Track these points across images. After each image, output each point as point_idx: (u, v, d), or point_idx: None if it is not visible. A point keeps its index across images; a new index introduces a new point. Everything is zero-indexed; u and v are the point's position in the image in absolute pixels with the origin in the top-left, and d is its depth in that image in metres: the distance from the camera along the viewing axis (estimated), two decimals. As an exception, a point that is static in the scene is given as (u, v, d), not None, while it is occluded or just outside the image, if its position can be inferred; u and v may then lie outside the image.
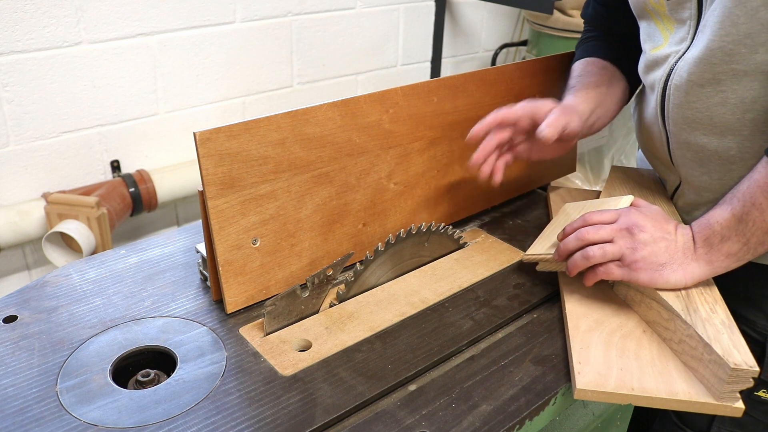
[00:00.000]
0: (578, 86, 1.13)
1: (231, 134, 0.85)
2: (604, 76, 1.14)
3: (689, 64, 0.91)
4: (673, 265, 0.85)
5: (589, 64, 1.17)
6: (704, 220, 0.86)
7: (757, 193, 0.81)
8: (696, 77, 0.91)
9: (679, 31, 0.95)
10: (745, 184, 0.84)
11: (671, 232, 0.87)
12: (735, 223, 0.83)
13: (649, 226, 0.86)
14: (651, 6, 0.99)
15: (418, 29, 2.75)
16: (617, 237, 0.87)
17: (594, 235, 0.87)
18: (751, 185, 0.83)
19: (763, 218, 0.81)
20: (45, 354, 0.84)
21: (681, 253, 0.86)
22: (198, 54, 2.17)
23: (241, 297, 0.93)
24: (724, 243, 0.84)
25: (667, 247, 0.85)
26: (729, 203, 0.85)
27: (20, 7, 1.79)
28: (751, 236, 0.83)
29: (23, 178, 1.97)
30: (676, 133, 0.99)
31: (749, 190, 0.83)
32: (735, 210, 0.83)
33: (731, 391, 0.77)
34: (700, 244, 0.86)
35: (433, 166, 1.11)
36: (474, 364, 0.87)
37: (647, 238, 0.85)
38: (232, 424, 0.74)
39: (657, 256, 0.85)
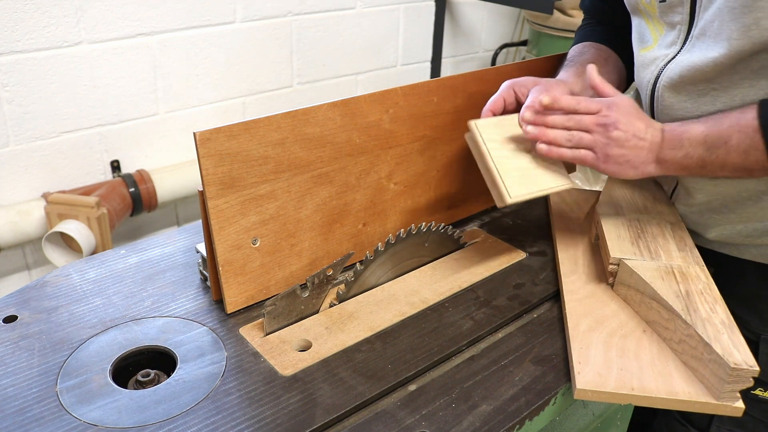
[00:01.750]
0: (571, 63, 1.13)
1: (231, 134, 0.85)
2: (599, 56, 1.14)
3: (682, 68, 0.92)
4: (635, 162, 0.92)
5: (584, 46, 1.18)
6: (678, 131, 0.90)
7: (734, 135, 0.86)
8: (688, 80, 0.92)
9: (669, 35, 0.96)
10: (729, 120, 0.87)
11: (642, 131, 0.91)
12: (703, 149, 0.88)
13: (624, 123, 0.91)
14: (643, 6, 1.00)
15: (418, 29, 2.75)
16: (595, 130, 0.92)
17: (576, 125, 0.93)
18: (732, 125, 0.86)
19: (726, 157, 0.87)
20: (45, 354, 0.84)
21: (645, 153, 0.92)
22: (198, 54, 2.17)
23: (241, 297, 0.93)
24: (685, 158, 0.90)
25: (635, 146, 0.91)
26: (707, 128, 0.88)
27: (20, 7, 1.79)
28: (709, 164, 0.88)
29: (23, 178, 1.97)
30: None
31: (729, 129, 0.86)
32: (708, 138, 0.87)
33: (731, 391, 0.77)
34: (666, 148, 0.91)
35: (433, 166, 1.11)
36: (474, 364, 0.87)
37: (620, 136, 0.91)
38: (232, 424, 0.74)
39: (624, 154, 0.91)
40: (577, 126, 0.92)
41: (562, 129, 0.93)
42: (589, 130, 0.92)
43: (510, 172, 0.95)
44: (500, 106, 1.02)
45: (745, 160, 0.85)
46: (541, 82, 1.03)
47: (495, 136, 0.96)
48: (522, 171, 0.96)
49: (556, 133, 0.93)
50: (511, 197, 0.92)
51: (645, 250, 0.98)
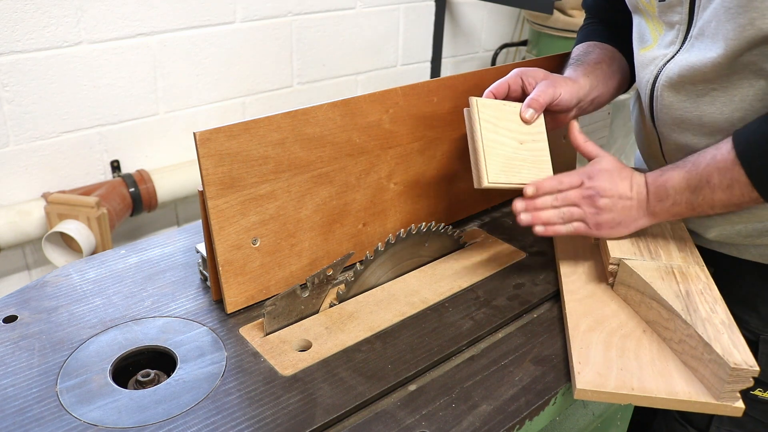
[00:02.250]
0: (577, 62, 1.12)
1: (231, 134, 0.85)
2: (604, 55, 1.14)
3: (681, 68, 0.92)
4: (627, 221, 0.95)
5: (589, 45, 1.17)
6: (661, 181, 0.92)
7: (714, 173, 0.87)
8: (687, 80, 0.92)
9: (668, 34, 0.96)
10: (706, 159, 0.88)
11: (627, 190, 0.94)
12: (688, 193, 0.90)
13: (608, 190, 0.93)
14: (642, 5, 1.00)
15: (418, 29, 2.75)
16: (582, 203, 0.95)
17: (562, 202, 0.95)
18: (710, 164, 0.87)
19: (712, 196, 0.88)
20: (45, 354, 0.84)
21: (635, 211, 0.94)
22: (198, 54, 2.17)
23: (241, 297, 0.93)
24: (674, 205, 0.92)
25: (623, 208, 0.94)
26: (687, 173, 0.90)
27: (20, 7, 1.79)
28: (698, 206, 0.90)
29: (23, 178, 1.97)
30: (666, 134, 1.00)
31: (707, 168, 0.87)
32: (691, 182, 0.89)
33: (731, 391, 0.77)
34: (653, 201, 0.93)
35: (433, 166, 1.11)
36: (474, 364, 0.87)
37: (607, 203, 0.93)
38: (232, 424, 0.74)
39: (614, 218, 0.94)
40: (564, 203, 0.94)
41: (551, 209, 0.95)
42: (576, 203, 0.94)
43: (495, 157, 0.95)
44: (503, 91, 1.00)
45: (730, 195, 0.86)
46: (550, 77, 1.02)
47: (491, 118, 0.96)
48: (508, 160, 0.96)
49: (548, 213, 0.95)
50: (488, 181, 0.93)
51: (645, 250, 0.98)
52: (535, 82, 1.00)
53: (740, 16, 0.81)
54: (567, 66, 1.14)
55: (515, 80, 1.01)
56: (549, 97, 0.99)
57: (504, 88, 1.00)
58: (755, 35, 0.81)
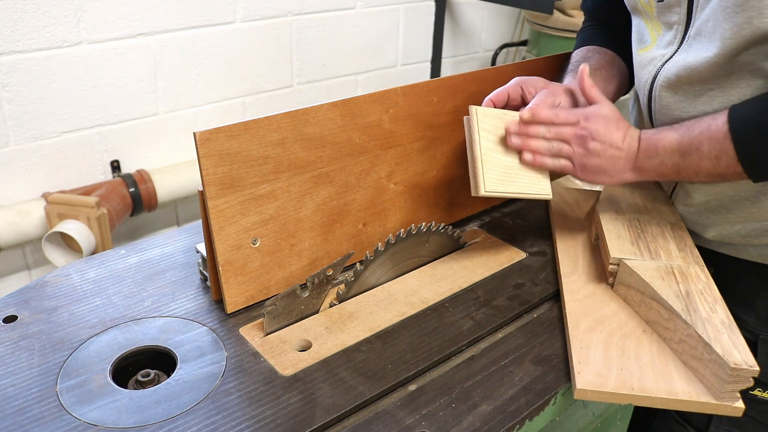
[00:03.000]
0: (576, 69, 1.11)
1: (231, 134, 0.85)
2: (604, 60, 1.15)
3: (679, 67, 0.93)
4: (612, 171, 0.95)
5: (588, 51, 1.18)
6: (653, 139, 0.92)
7: (705, 142, 0.87)
8: (685, 80, 0.93)
9: (666, 35, 0.96)
10: (700, 126, 0.89)
11: (620, 140, 0.93)
12: (677, 156, 0.90)
13: (601, 134, 0.93)
14: (641, 6, 1.00)
15: (418, 29, 2.75)
16: (573, 141, 0.95)
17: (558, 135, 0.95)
18: (703, 131, 0.88)
19: (699, 163, 0.89)
20: (45, 354, 0.84)
21: (622, 163, 0.94)
22: (198, 54, 2.17)
23: (241, 297, 0.93)
24: (661, 165, 0.92)
25: (611, 156, 0.94)
26: (680, 136, 0.90)
27: (20, 7, 1.79)
28: (683, 170, 0.91)
29: (23, 178, 1.97)
30: None
31: (700, 135, 0.88)
32: (682, 145, 0.89)
33: (731, 391, 0.77)
34: (642, 156, 0.93)
35: (433, 166, 1.11)
36: (474, 364, 0.87)
37: (597, 147, 0.93)
38: (232, 424, 0.74)
39: (600, 164, 0.94)
40: (557, 137, 0.95)
41: (543, 140, 0.96)
42: (567, 140, 0.95)
43: (493, 167, 0.96)
44: (503, 99, 1.02)
45: (716, 165, 0.87)
46: (550, 86, 1.03)
47: (491, 127, 0.97)
48: (505, 169, 0.97)
49: (538, 143, 0.96)
50: (485, 190, 0.94)
51: (645, 250, 0.98)
52: (535, 91, 1.01)
53: (737, 15, 0.82)
54: (566, 73, 1.14)
55: (515, 89, 1.02)
56: (548, 106, 0.98)
57: (503, 96, 1.02)
58: (753, 34, 0.81)
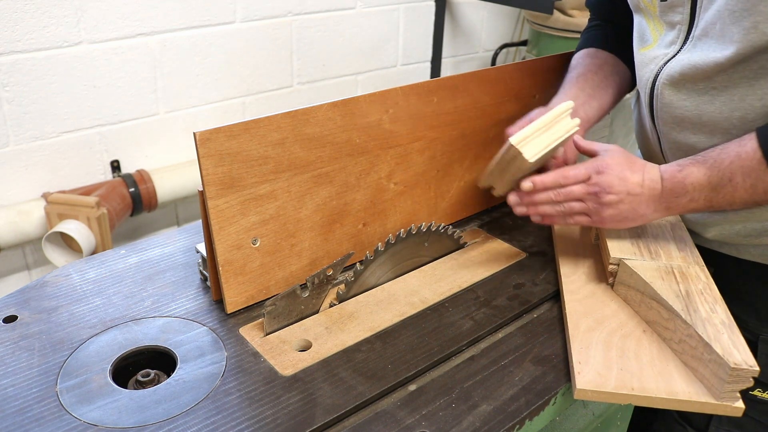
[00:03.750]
0: (568, 81, 1.15)
1: (231, 134, 0.85)
2: (597, 66, 1.15)
3: (683, 66, 0.92)
4: (635, 216, 0.92)
5: (585, 56, 1.19)
6: (680, 177, 0.89)
7: (738, 172, 0.85)
8: (689, 78, 0.92)
9: (668, 34, 0.96)
10: (729, 157, 0.86)
11: (638, 186, 0.90)
12: (708, 190, 0.87)
13: (616, 185, 0.90)
14: (644, 5, 1.00)
15: (418, 29, 2.74)
16: (586, 198, 0.92)
17: (565, 198, 0.93)
18: (734, 161, 0.85)
19: (734, 194, 0.86)
20: (45, 354, 0.84)
21: (644, 205, 0.91)
22: (198, 54, 2.17)
23: (241, 297, 0.93)
24: (691, 202, 0.89)
25: (631, 202, 0.91)
26: (709, 169, 0.87)
27: (20, 7, 1.79)
28: (716, 203, 0.88)
29: (23, 178, 1.97)
30: (666, 133, 1.01)
31: (731, 165, 0.85)
32: (712, 179, 0.87)
33: (731, 391, 0.77)
34: (668, 197, 0.90)
35: (433, 166, 1.11)
36: (474, 364, 0.87)
37: (614, 199, 0.91)
38: (232, 424, 0.74)
39: (620, 212, 0.92)
40: (567, 197, 0.93)
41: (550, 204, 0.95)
42: (579, 199, 0.93)
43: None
44: None
45: (753, 194, 0.85)
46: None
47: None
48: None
49: (545, 208, 0.95)
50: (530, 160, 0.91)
51: (645, 250, 0.98)
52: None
53: (744, 20, 0.82)
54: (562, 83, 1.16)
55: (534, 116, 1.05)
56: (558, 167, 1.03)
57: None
58: (759, 39, 0.82)
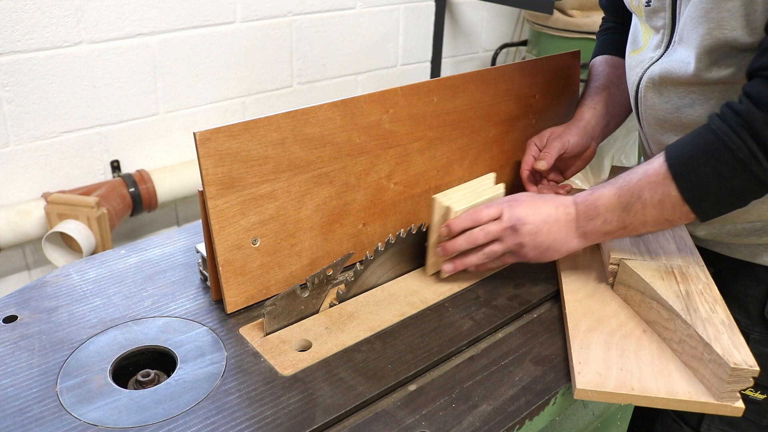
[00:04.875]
0: (586, 93, 1.20)
1: (231, 134, 0.85)
2: (613, 76, 1.19)
3: (662, 70, 0.94)
4: (556, 246, 0.92)
5: (600, 65, 1.23)
6: (591, 199, 0.90)
7: (646, 189, 0.85)
8: (668, 82, 0.94)
9: (655, 38, 0.99)
10: (638, 175, 0.87)
11: (552, 214, 0.92)
12: (619, 210, 0.88)
13: (530, 215, 0.92)
14: (634, 9, 1.02)
15: (418, 29, 2.74)
16: (504, 236, 0.93)
17: (484, 238, 0.94)
18: (641, 179, 0.86)
19: (644, 212, 0.86)
20: (45, 354, 0.84)
21: (563, 233, 0.92)
22: (198, 54, 2.17)
23: (241, 297, 0.93)
24: (605, 224, 0.89)
25: (549, 231, 0.92)
26: (618, 189, 0.88)
27: (20, 7, 1.79)
28: (629, 223, 0.88)
29: (23, 178, 1.97)
30: (651, 134, 1.03)
31: (639, 183, 0.86)
32: (622, 198, 0.87)
33: (731, 391, 0.77)
34: (582, 220, 0.91)
35: (433, 166, 1.11)
36: (474, 364, 0.87)
37: (531, 229, 0.91)
38: (232, 424, 0.74)
39: (541, 243, 0.92)
40: (486, 238, 0.93)
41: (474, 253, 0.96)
42: (497, 238, 0.93)
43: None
44: (532, 162, 1.14)
45: (661, 211, 0.85)
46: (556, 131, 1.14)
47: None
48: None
49: (470, 259, 0.96)
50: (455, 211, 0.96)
51: (645, 250, 0.98)
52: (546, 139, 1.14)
53: (700, 26, 0.84)
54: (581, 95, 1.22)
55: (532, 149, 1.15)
56: (556, 150, 1.11)
57: (531, 161, 1.14)
58: (713, 44, 0.84)
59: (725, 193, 0.82)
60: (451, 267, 0.98)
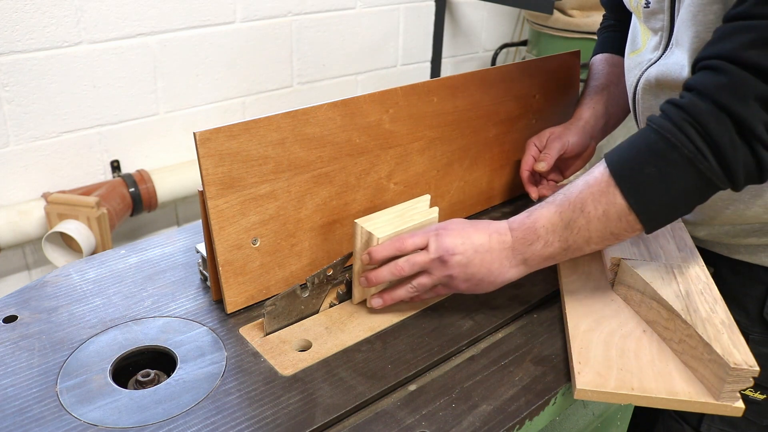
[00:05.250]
0: (586, 92, 1.20)
1: (231, 134, 0.85)
2: (612, 75, 1.19)
3: (659, 72, 0.94)
4: (491, 277, 0.85)
5: (600, 63, 1.23)
6: (529, 222, 0.83)
7: (588, 200, 0.79)
8: (665, 84, 0.94)
9: (653, 39, 0.99)
10: (578, 187, 0.81)
11: (484, 243, 0.84)
12: (561, 228, 0.81)
13: (459, 245, 0.84)
14: (633, 9, 1.02)
15: (418, 29, 2.74)
16: (432, 267, 0.85)
17: (410, 270, 0.86)
18: (582, 190, 0.80)
19: (588, 227, 0.79)
20: (45, 354, 0.84)
21: (498, 263, 0.85)
22: (198, 54, 2.17)
23: (241, 297, 0.93)
24: (546, 247, 0.82)
25: (482, 261, 0.84)
26: (559, 206, 0.82)
27: (20, 7, 1.79)
28: (572, 242, 0.81)
29: (23, 178, 1.97)
30: None
31: (581, 195, 0.80)
32: (564, 215, 0.81)
33: (731, 391, 0.77)
34: (520, 246, 0.84)
35: (433, 166, 1.11)
36: (474, 364, 0.87)
37: (460, 260, 0.84)
38: (232, 424, 0.74)
39: (473, 274, 0.85)
40: (412, 270, 0.86)
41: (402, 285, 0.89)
42: (425, 269, 0.86)
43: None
44: (532, 163, 1.14)
45: (606, 223, 0.78)
46: (556, 131, 1.14)
47: None
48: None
49: (399, 293, 0.89)
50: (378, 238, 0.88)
51: (645, 250, 0.98)
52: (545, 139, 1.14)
53: (690, 29, 0.84)
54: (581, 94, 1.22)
55: (532, 149, 1.15)
56: (556, 150, 1.12)
57: (531, 161, 1.14)
58: (700, 47, 0.84)
59: (672, 196, 0.76)
60: (379, 302, 0.91)
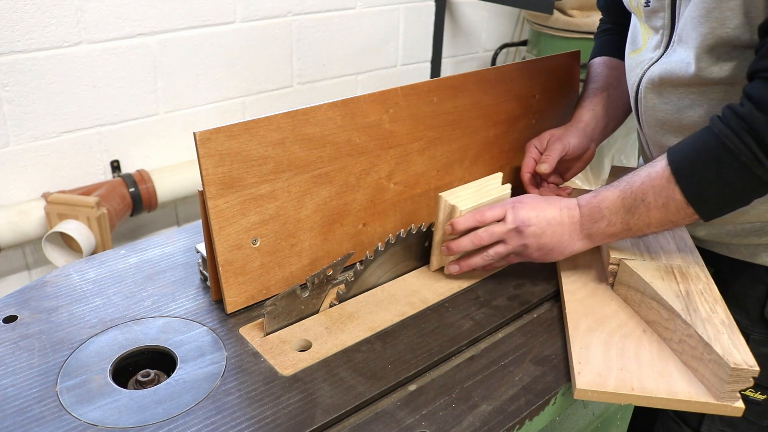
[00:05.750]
0: (585, 95, 1.20)
1: (231, 134, 0.85)
2: (611, 77, 1.19)
3: (662, 71, 0.94)
4: (560, 248, 0.93)
5: (598, 66, 1.23)
6: (595, 202, 0.91)
7: (649, 192, 0.85)
8: (668, 83, 0.94)
9: (654, 38, 0.99)
10: (641, 177, 0.87)
11: (556, 216, 0.92)
12: (623, 212, 0.88)
13: (534, 217, 0.92)
14: (633, 9, 1.02)
15: (418, 29, 2.74)
16: (508, 237, 0.94)
17: (489, 239, 0.95)
18: (645, 182, 0.86)
19: (648, 214, 0.86)
20: (45, 354, 0.84)
21: (567, 235, 0.93)
22: (198, 54, 2.17)
23: (241, 297, 0.93)
24: (609, 226, 0.90)
25: (553, 233, 0.92)
26: (622, 191, 0.88)
27: (20, 7, 1.79)
28: (633, 225, 0.88)
29: (23, 178, 1.97)
30: (650, 135, 1.03)
31: (643, 186, 0.86)
32: (626, 201, 0.88)
33: (731, 391, 0.77)
34: (587, 223, 0.91)
35: (433, 166, 1.11)
36: (474, 364, 0.87)
37: (535, 231, 0.92)
38: (232, 424, 0.74)
39: (545, 244, 0.93)
40: (491, 239, 0.94)
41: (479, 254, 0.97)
42: (502, 239, 0.94)
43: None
44: (533, 165, 1.14)
45: (665, 213, 0.85)
46: (556, 133, 1.14)
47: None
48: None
49: (475, 260, 0.97)
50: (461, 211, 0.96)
51: (645, 250, 0.98)
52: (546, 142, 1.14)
53: (702, 26, 0.84)
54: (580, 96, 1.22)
55: (533, 151, 1.15)
56: (557, 153, 1.11)
57: (531, 164, 1.14)
58: (715, 43, 0.84)
59: (728, 195, 0.82)
60: (456, 268, 0.99)
